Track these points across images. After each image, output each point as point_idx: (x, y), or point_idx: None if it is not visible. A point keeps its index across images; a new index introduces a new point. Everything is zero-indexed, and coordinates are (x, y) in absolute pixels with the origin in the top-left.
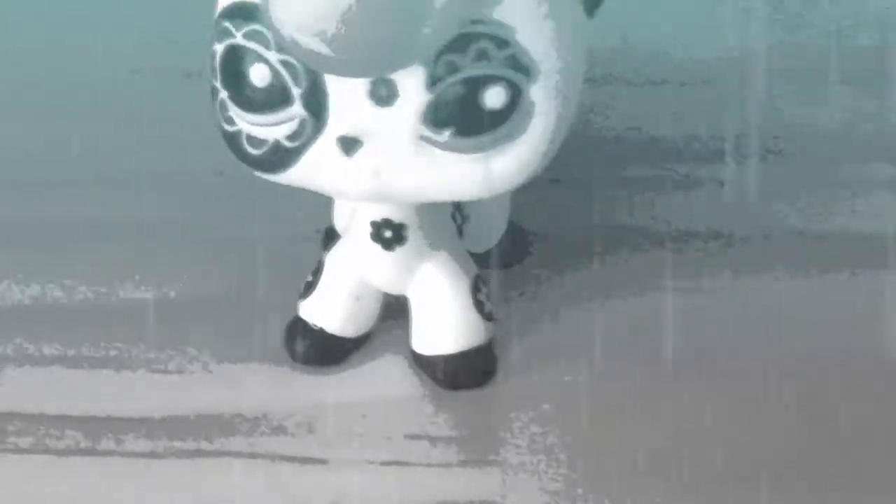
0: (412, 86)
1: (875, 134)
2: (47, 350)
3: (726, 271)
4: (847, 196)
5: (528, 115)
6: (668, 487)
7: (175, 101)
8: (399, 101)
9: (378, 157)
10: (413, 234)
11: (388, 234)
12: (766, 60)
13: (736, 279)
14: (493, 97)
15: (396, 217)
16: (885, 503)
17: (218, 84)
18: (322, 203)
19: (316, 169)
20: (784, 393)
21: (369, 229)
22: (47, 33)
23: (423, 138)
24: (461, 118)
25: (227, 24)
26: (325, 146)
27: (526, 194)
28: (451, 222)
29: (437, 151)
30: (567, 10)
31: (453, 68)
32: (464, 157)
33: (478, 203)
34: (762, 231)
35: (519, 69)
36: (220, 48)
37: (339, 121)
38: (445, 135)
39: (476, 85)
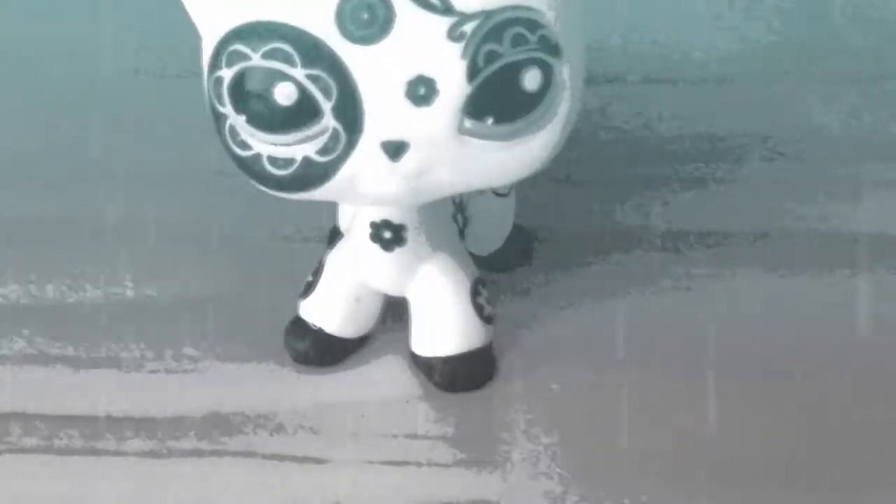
0: (452, 80)
1: (875, 134)
2: (47, 350)
3: (727, 271)
4: (848, 196)
5: (560, 94)
6: (667, 487)
7: (175, 101)
8: (439, 98)
9: (423, 157)
10: (413, 236)
11: (388, 235)
12: (767, 60)
13: (736, 279)
14: (531, 79)
15: (396, 218)
16: (885, 503)
17: (226, 110)
18: (324, 203)
19: (356, 179)
20: (784, 393)
21: (369, 230)
22: (48, 34)
23: (465, 130)
24: (503, 105)
25: (239, 46)
26: (365, 154)
27: (526, 195)
28: (452, 224)
29: (476, 141)
30: None
31: (493, 57)
32: (502, 143)
33: (481, 205)
34: (762, 231)
35: (550, 50)
36: (229, 73)
37: (379, 126)
38: (488, 123)
39: (515, 70)
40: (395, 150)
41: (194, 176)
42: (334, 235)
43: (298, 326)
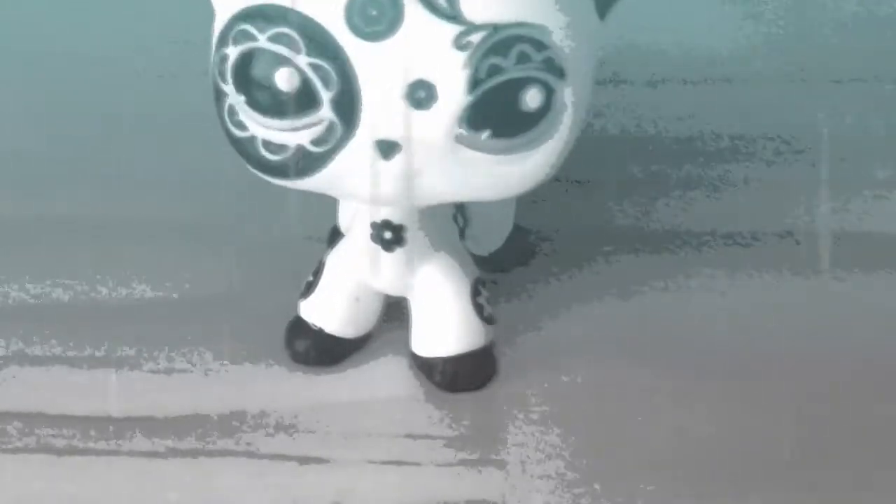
0: (452, 88)
1: (876, 134)
2: (47, 350)
3: (727, 271)
4: (848, 196)
5: (560, 115)
6: (667, 487)
7: (175, 101)
8: (437, 104)
9: (414, 160)
10: (413, 236)
11: (388, 236)
12: (767, 60)
13: (736, 279)
14: (531, 99)
15: (396, 218)
16: (885, 502)
17: (228, 88)
18: (324, 203)
19: (346, 174)
20: (784, 393)
21: (370, 230)
22: (48, 35)
23: (460, 140)
24: (500, 120)
25: (247, 27)
26: (357, 150)
27: (527, 195)
28: (452, 224)
29: (470, 153)
30: (586, 14)
31: (496, 71)
32: (498, 157)
33: (482, 205)
34: (763, 231)
35: (554, 71)
36: (234, 51)
37: (375, 124)
38: (483, 136)
39: (516, 87)
40: (387, 149)
41: (194, 176)
42: (334, 235)
43: (298, 326)
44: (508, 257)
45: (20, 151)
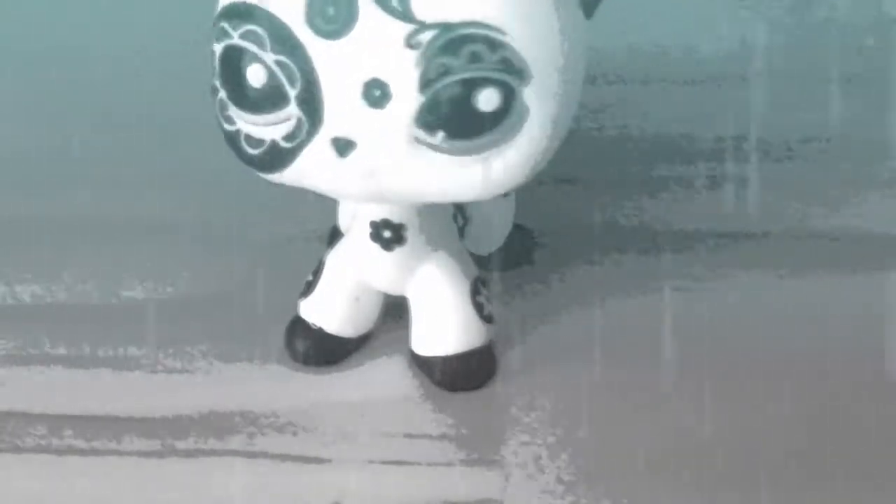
0: (405, 88)
1: (876, 134)
2: (47, 350)
3: (727, 271)
4: (849, 196)
5: (523, 117)
6: (668, 487)
7: (175, 101)
8: (392, 103)
9: (372, 159)
10: (412, 235)
11: (388, 235)
12: (768, 60)
13: (736, 279)
14: (486, 100)
15: (396, 217)
16: (884, 502)
17: (217, 83)
18: (324, 203)
19: (311, 169)
20: (784, 393)
21: (369, 229)
22: (48, 35)
23: (418, 140)
24: (454, 121)
25: (224, 24)
26: (319, 147)
27: (527, 195)
28: (451, 223)
29: (432, 154)
30: (563, 12)
31: (445, 70)
32: (459, 159)
33: (481, 205)
34: (763, 231)
35: (511, 72)
36: (218, 48)
37: (334, 122)
38: (438, 137)
39: (469, 87)
40: (343, 147)
41: (194, 176)
42: (334, 235)
43: (298, 326)
44: (508, 257)
45: (20, 151)
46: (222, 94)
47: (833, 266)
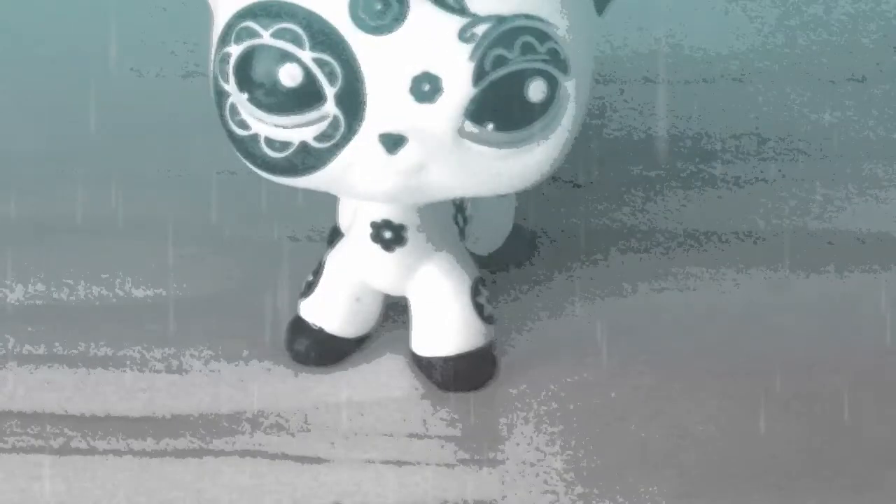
0: (458, 80)
1: (876, 134)
2: (47, 350)
3: (727, 271)
4: (849, 196)
5: (563, 109)
6: (668, 487)
7: (175, 101)
8: (443, 97)
9: (420, 154)
10: (413, 236)
11: (388, 235)
12: (768, 60)
13: (737, 279)
14: (536, 91)
15: (396, 218)
16: (885, 502)
17: (230, 87)
18: (324, 203)
19: (350, 169)
20: (785, 393)
21: (369, 230)
22: (48, 34)
23: (464, 133)
24: (505, 111)
25: (250, 23)
26: (363, 145)
27: (527, 195)
28: (452, 224)
29: (475, 146)
30: (586, 9)
31: (500, 62)
32: (500, 151)
33: (481, 205)
34: (763, 231)
35: (558, 63)
36: (237, 49)
37: (380, 118)
38: (487, 129)
39: (520, 79)
40: (393, 143)
41: (195, 176)
42: (334, 235)
43: (298, 326)
44: (508, 257)
45: (20, 151)
46: (237, 98)
47: (833, 266)
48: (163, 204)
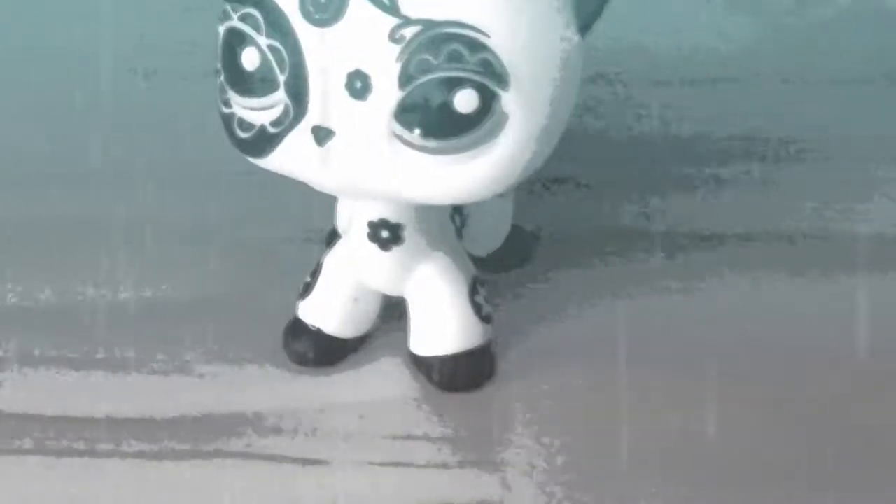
0: (385, 82)
1: (876, 134)
2: (47, 350)
3: (727, 272)
4: (849, 196)
5: (501, 122)
6: (667, 487)
7: (175, 101)
8: (372, 96)
9: (350, 150)
10: (410, 235)
11: (385, 235)
12: (767, 60)
13: (736, 279)
14: (464, 101)
15: (393, 217)
16: (885, 503)
17: (219, 65)
18: (323, 204)
19: (291, 156)
20: (785, 393)
21: (366, 230)
22: (48, 34)
23: (396, 136)
24: (431, 119)
25: (227, 6)
26: (301, 135)
27: (526, 195)
28: (449, 224)
29: (410, 151)
30: (553, 24)
31: (425, 68)
32: (436, 158)
33: (479, 205)
34: (763, 231)
35: (491, 75)
36: (221, 30)
37: (316, 111)
38: (415, 134)
39: (447, 87)
40: (322, 136)
41: (194, 176)
42: (332, 237)
43: (297, 327)
44: (507, 257)
45: (20, 151)
46: (222, 76)
47: (833, 266)
48: (162, 204)
